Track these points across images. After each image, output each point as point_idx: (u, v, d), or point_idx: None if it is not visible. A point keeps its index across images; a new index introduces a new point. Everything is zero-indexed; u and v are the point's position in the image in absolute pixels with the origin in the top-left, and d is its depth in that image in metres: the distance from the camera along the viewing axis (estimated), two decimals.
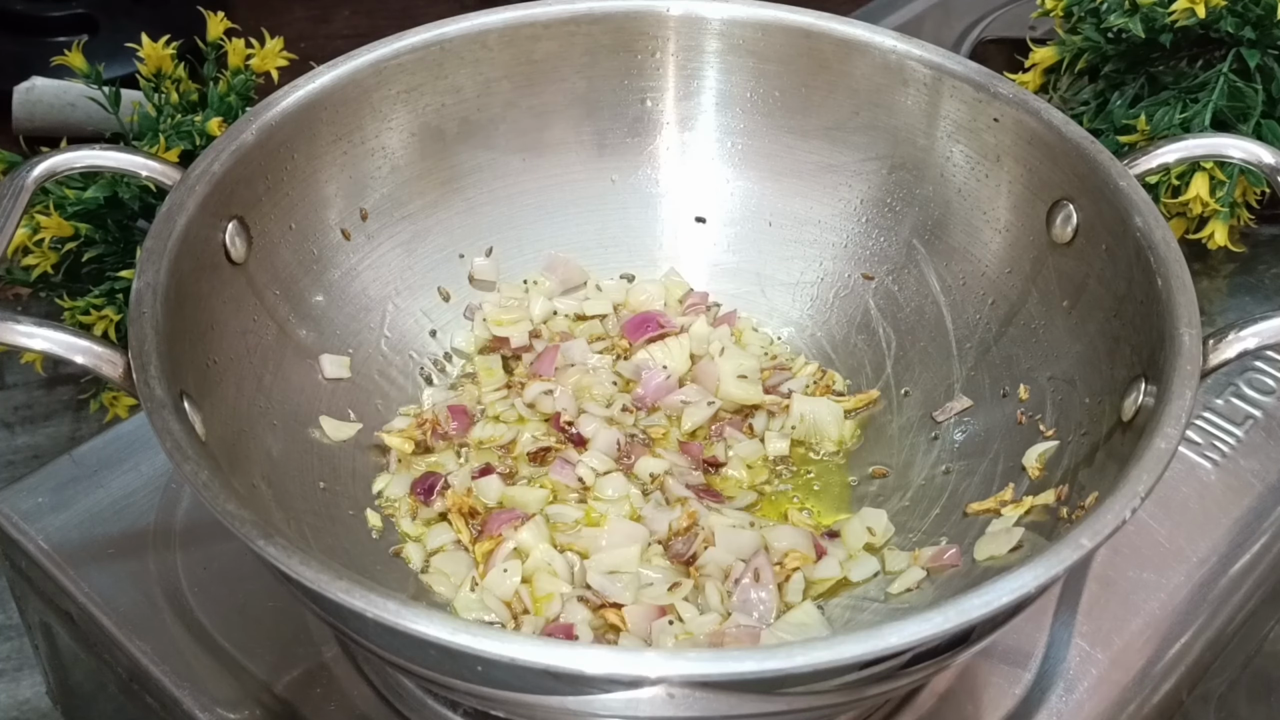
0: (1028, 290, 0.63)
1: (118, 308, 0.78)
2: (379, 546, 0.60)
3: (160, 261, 0.53)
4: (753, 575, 0.57)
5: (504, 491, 0.62)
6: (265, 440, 0.57)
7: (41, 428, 0.82)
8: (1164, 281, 0.53)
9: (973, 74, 0.64)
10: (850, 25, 0.67)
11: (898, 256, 0.68)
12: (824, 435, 0.65)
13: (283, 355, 0.61)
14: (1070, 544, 0.44)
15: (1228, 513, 0.66)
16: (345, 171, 0.65)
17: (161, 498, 0.64)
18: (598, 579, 0.57)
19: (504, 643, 0.40)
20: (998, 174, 0.64)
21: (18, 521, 0.62)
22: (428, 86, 0.66)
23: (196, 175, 0.56)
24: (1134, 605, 0.61)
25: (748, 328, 0.71)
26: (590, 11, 0.68)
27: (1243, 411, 0.71)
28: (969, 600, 0.42)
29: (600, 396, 0.67)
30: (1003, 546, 0.55)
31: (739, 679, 0.41)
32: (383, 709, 0.56)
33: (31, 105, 0.98)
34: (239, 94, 0.83)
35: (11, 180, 0.55)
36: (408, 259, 0.68)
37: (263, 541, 0.44)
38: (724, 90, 0.70)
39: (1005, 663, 0.59)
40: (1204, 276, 0.81)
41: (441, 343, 0.69)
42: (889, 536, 0.60)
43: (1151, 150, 0.61)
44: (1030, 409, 0.61)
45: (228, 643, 0.58)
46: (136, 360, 0.49)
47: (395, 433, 0.64)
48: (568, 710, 0.46)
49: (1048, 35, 0.92)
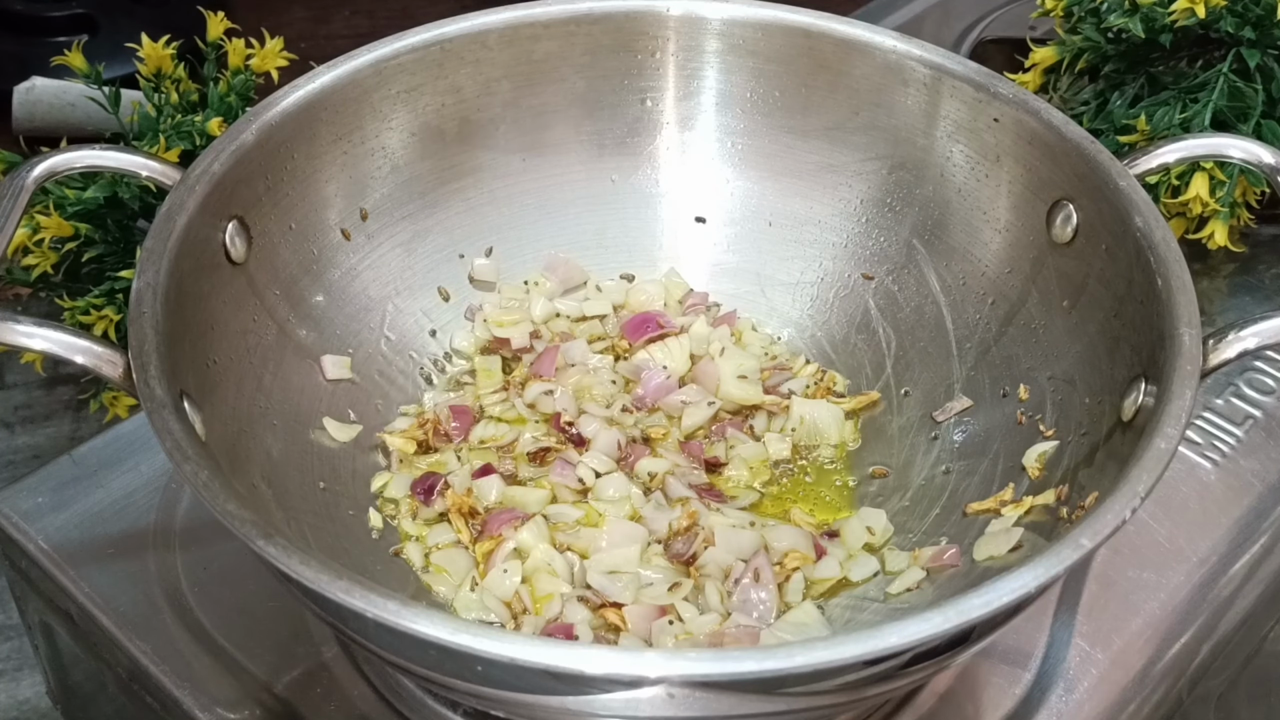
0: (1028, 290, 0.63)
1: (118, 308, 0.78)
2: (379, 546, 0.60)
3: (160, 261, 0.53)
4: (753, 575, 0.57)
5: (504, 491, 0.62)
6: (265, 440, 0.57)
7: (41, 428, 0.82)
8: (1164, 281, 0.53)
9: (973, 74, 0.64)
10: (850, 25, 0.67)
11: (898, 256, 0.68)
12: (824, 437, 0.65)
13: (283, 355, 0.61)
14: (1070, 544, 0.44)
15: (1228, 513, 0.66)
16: (345, 171, 0.65)
17: (161, 498, 0.64)
18: (598, 579, 0.57)
19: (504, 643, 0.40)
20: (998, 174, 0.64)
21: (18, 521, 0.62)
22: (428, 86, 0.66)
23: (196, 175, 0.56)
24: (1134, 605, 0.61)
25: (748, 328, 0.71)
26: (590, 11, 0.68)
27: (1243, 411, 0.71)
28: (969, 600, 0.42)
29: (600, 397, 0.67)
30: (1002, 546, 0.55)
31: (739, 679, 0.41)
32: (383, 709, 0.56)
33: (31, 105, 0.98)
34: (239, 94, 0.83)
35: (11, 180, 0.55)
36: (408, 259, 0.68)
37: (263, 541, 0.44)
38: (724, 90, 0.70)
39: (1005, 663, 0.59)
40: (1204, 276, 0.81)
41: (441, 343, 0.69)
42: (888, 536, 0.60)
43: (1151, 150, 0.61)
44: (1030, 409, 0.61)
45: (228, 643, 0.58)
46: (136, 360, 0.49)
47: (397, 433, 0.64)
48: (568, 710, 0.46)
49: (1048, 35, 0.92)
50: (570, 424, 0.65)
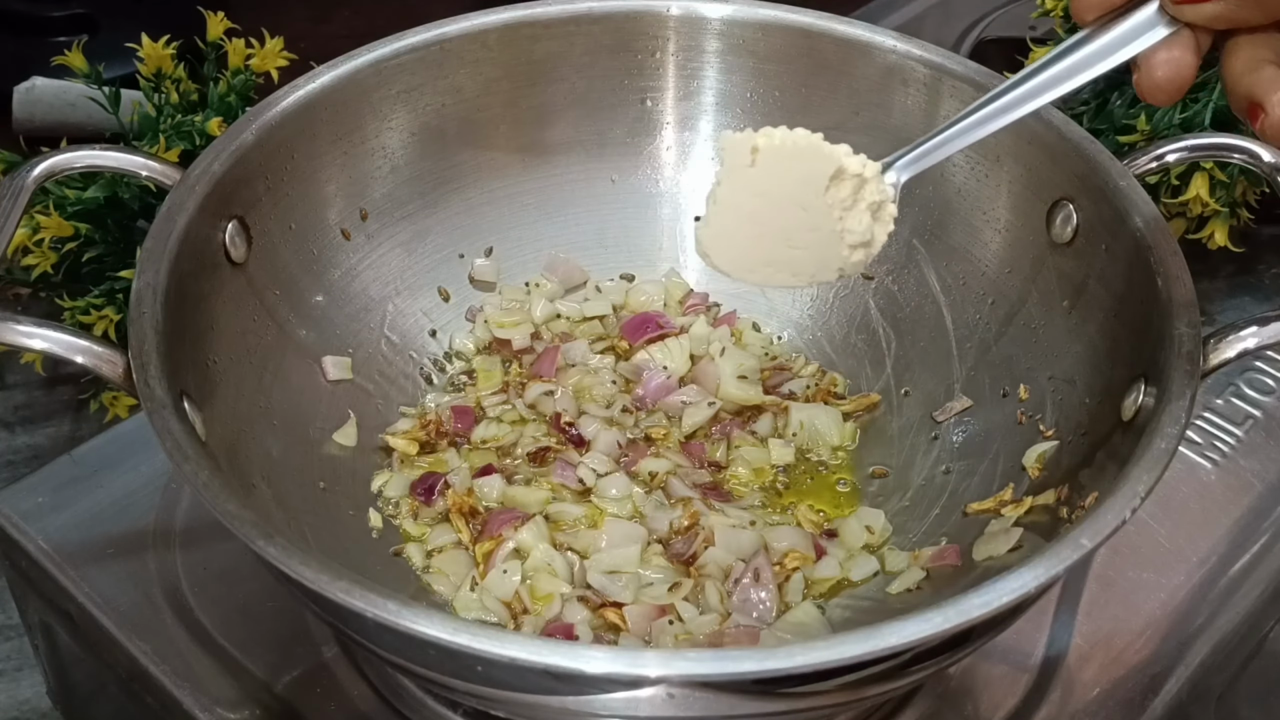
0: (1028, 290, 0.63)
1: (118, 308, 0.77)
2: (379, 546, 0.60)
3: (160, 261, 0.53)
4: (753, 575, 0.57)
5: (504, 491, 0.62)
6: (265, 440, 0.57)
7: (41, 428, 0.82)
8: (1164, 281, 0.53)
9: (973, 74, 0.64)
10: (850, 25, 0.67)
11: (898, 256, 0.68)
12: (824, 440, 0.65)
13: (283, 355, 0.61)
14: (1070, 544, 0.44)
15: (1228, 513, 0.66)
16: (345, 171, 0.65)
17: (161, 498, 0.63)
18: (598, 579, 0.57)
19: (504, 643, 0.40)
20: (998, 174, 0.64)
21: (18, 521, 0.62)
22: (428, 86, 0.66)
23: (196, 175, 0.56)
24: (1134, 605, 0.61)
25: (748, 328, 0.71)
26: (590, 11, 0.68)
27: (1243, 411, 0.71)
28: (969, 600, 0.42)
29: (600, 397, 0.67)
30: (1002, 546, 0.55)
31: (739, 679, 0.41)
32: (383, 709, 0.56)
33: (31, 105, 0.97)
34: (239, 94, 0.83)
35: (11, 180, 0.55)
36: (408, 259, 0.68)
37: (263, 541, 0.44)
38: (724, 90, 0.70)
39: (1005, 663, 0.59)
40: (1204, 276, 0.81)
41: (441, 343, 0.69)
42: (887, 535, 0.60)
43: (1151, 150, 0.61)
44: (1030, 409, 0.61)
45: (228, 643, 0.58)
46: (136, 360, 0.49)
47: (400, 434, 0.64)
48: (568, 710, 0.46)
49: (1048, 35, 0.92)
50: (570, 424, 0.65)
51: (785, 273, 0.48)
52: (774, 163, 0.46)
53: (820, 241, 0.46)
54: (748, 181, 0.47)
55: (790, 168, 0.46)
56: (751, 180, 0.47)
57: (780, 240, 0.47)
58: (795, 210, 0.46)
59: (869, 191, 0.46)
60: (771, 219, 0.47)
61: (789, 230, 0.46)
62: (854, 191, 0.46)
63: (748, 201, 0.47)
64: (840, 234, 0.46)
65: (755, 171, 0.46)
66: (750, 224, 0.48)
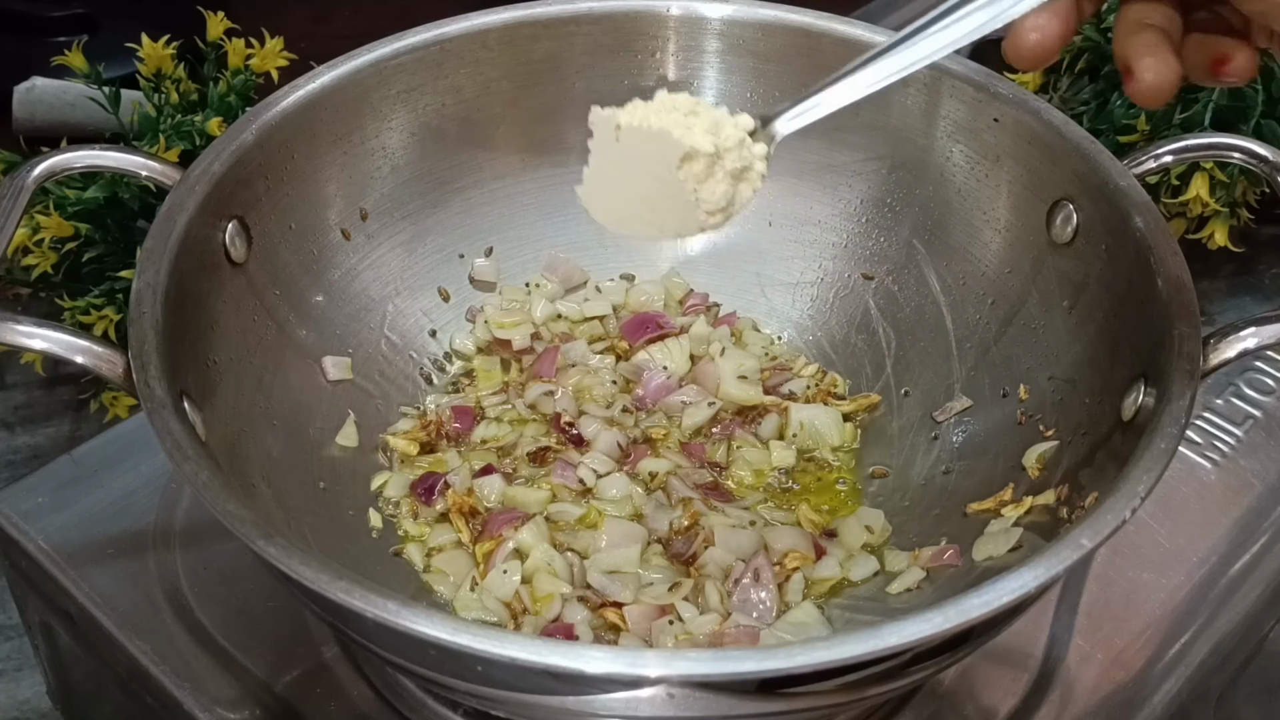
0: (1028, 290, 0.63)
1: (118, 308, 0.77)
2: (379, 546, 0.60)
3: (160, 261, 0.53)
4: (753, 575, 0.57)
5: (504, 491, 0.62)
6: (265, 440, 0.57)
7: (41, 428, 0.82)
8: (1164, 282, 0.54)
9: (973, 74, 0.64)
10: (850, 25, 0.67)
11: (898, 256, 0.68)
12: (824, 440, 0.65)
13: (283, 355, 0.61)
14: (1070, 544, 0.44)
15: (1228, 513, 0.66)
16: (345, 171, 0.65)
17: (161, 498, 0.63)
18: (598, 579, 0.57)
19: (504, 643, 0.40)
20: (998, 174, 0.64)
21: (18, 521, 0.62)
22: (428, 86, 0.66)
23: (196, 175, 0.56)
24: (1134, 605, 0.61)
25: (748, 328, 0.71)
26: (590, 11, 0.68)
27: (1243, 411, 0.71)
28: (969, 600, 0.42)
29: (600, 397, 0.67)
30: (1002, 546, 0.55)
31: (739, 679, 0.41)
32: (383, 709, 0.56)
33: (31, 105, 0.97)
34: (239, 94, 0.83)
35: (11, 180, 0.55)
36: (408, 259, 0.68)
37: (263, 541, 0.44)
38: (724, 90, 0.70)
39: (1005, 663, 0.59)
40: (1204, 276, 0.82)
41: (441, 343, 0.69)
42: (887, 535, 0.60)
43: (1151, 150, 0.61)
44: (1030, 409, 0.61)
45: (228, 643, 0.58)
46: (136, 360, 0.49)
47: (400, 434, 0.64)
48: (568, 710, 0.46)
49: None
50: (570, 424, 0.65)
51: (653, 228, 0.52)
52: (633, 140, 0.50)
53: (678, 208, 0.50)
54: (614, 153, 0.51)
55: (646, 147, 0.50)
56: (617, 152, 0.51)
57: (643, 203, 0.51)
58: (652, 181, 0.50)
59: (729, 161, 0.49)
60: (634, 185, 0.51)
61: (649, 197, 0.50)
62: (708, 167, 0.49)
63: (614, 169, 0.51)
64: (695, 203, 0.48)
65: (620, 145, 0.51)
66: (617, 188, 0.52)
